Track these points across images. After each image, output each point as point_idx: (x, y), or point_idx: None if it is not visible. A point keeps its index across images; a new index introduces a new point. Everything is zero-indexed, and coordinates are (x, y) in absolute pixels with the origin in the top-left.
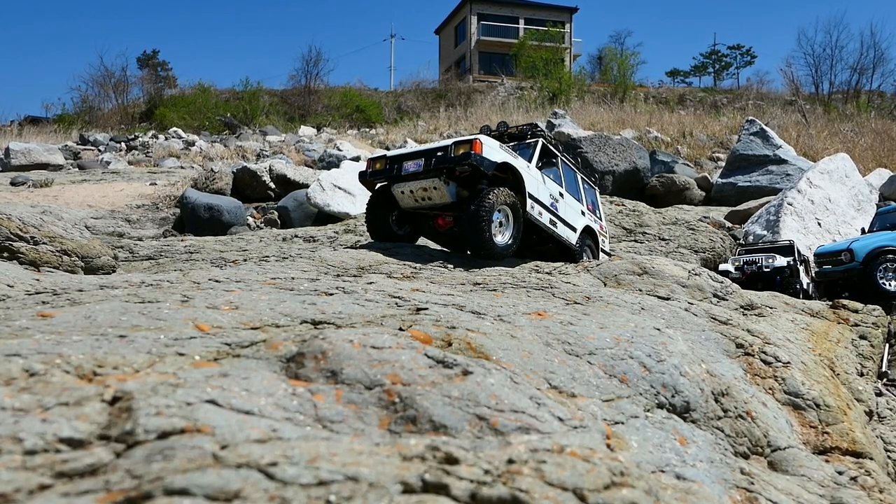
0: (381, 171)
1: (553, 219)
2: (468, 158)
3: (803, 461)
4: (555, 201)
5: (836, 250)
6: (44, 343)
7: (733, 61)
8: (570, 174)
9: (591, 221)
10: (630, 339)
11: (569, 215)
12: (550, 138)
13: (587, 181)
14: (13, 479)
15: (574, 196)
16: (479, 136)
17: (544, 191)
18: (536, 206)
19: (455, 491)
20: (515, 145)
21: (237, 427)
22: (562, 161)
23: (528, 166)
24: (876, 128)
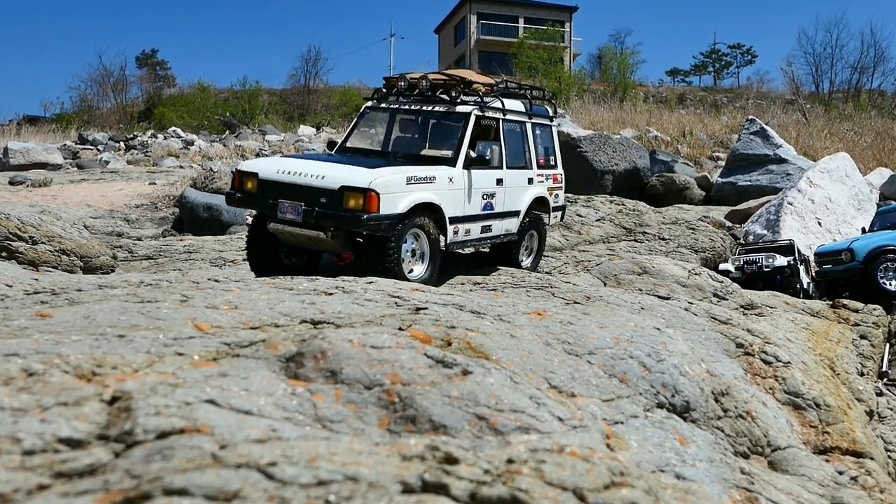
0: (253, 197)
1: (486, 224)
2: (360, 220)
3: (803, 461)
4: (489, 199)
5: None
6: (43, 343)
7: (733, 60)
8: (516, 133)
9: (541, 184)
10: (630, 338)
11: (510, 202)
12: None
13: (541, 120)
14: (12, 479)
15: (520, 164)
16: (376, 183)
17: (474, 197)
18: (462, 227)
19: (455, 491)
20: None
21: (236, 427)
22: (504, 123)
23: (450, 179)
24: (876, 127)
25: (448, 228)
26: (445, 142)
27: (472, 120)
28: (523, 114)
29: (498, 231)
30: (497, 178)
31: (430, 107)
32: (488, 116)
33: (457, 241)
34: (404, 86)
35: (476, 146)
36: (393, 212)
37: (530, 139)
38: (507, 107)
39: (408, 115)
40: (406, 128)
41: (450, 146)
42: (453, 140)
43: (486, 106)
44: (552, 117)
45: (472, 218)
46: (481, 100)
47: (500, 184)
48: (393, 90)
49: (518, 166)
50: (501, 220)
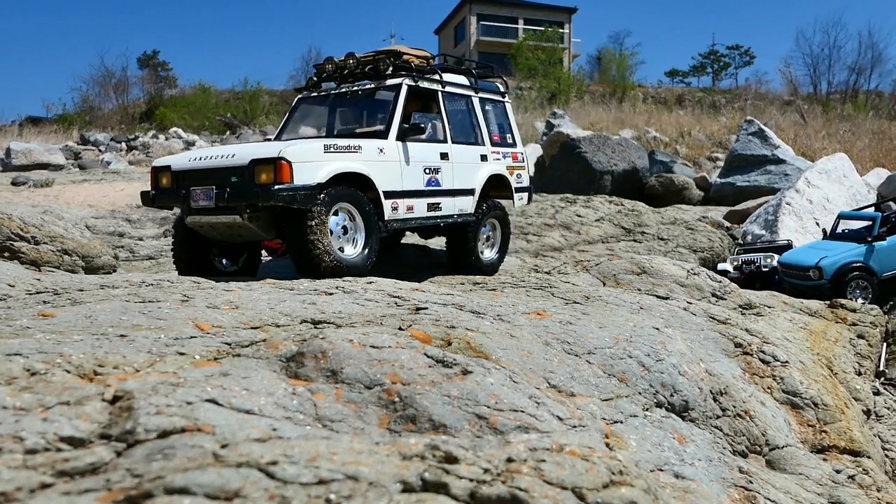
0: (167, 192)
1: (433, 202)
2: (271, 191)
3: (801, 460)
4: (433, 174)
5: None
6: (45, 342)
7: (732, 61)
8: (461, 107)
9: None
10: (629, 338)
11: (461, 179)
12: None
13: (490, 96)
14: (14, 477)
15: (469, 140)
16: (287, 152)
17: (414, 171)
18: (402, 203)
19: (455, 490)
20: (373, 89)
21: (237, 426)
22: (445, 96)
23: (380, 150)
24: (874, 128)
25: (384, 204)
26: (378, 116)
27: (404, 90)
28: (468, 87)
29: (450, 210)
30: (441, 153)
31: (362, 85)
32: (425, 88)
33: (398, 219)
34: (332, 69)
35: (412, 118)
36: (309, 182)
37: (479, 114)
38: (448, 80)
39: (341, 99)
40: (342, 112)
41: (382, 120)
42: (385, 113)
43: (421, 77)
44: (504, 93)
45: (415, 193)
46: (414, 71)
47: (445, 158)
48: (324, 76)
49: (467, 142)
50: (452, 197)
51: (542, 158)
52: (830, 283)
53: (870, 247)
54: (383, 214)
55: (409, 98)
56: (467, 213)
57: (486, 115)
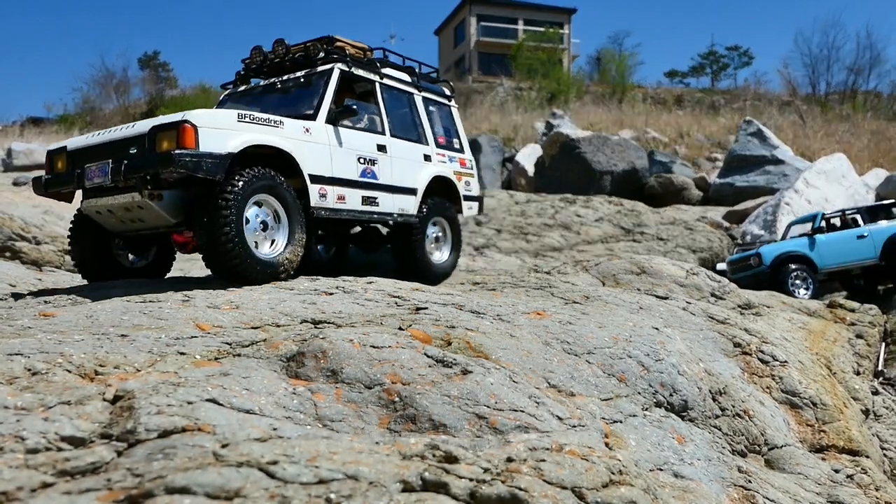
0: (61, 176)
1: (369, 195)
2: (171, 157)
3: (800, 459)
4: (369, 165)
5: (746, 256)
6: (46, 342)
7: (731, 62)
8: (401, 102)
9: (443, 164)
10: (628, 338)
11: (400, 175)
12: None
13: (434, 97)
14: (15, 477)
15: (410, 137)
16: (193, 114)
17: (346, 158)
18: (332, 190)
19: (454, 489)
20: (303, 77)
21: (238, 426)
22: (383, 87)
23: (306, 129)
24: (872, 128)
25: (310, 189)
26: (308, 102)
27: (336, 74)
28: (409, 84)
29: (389, 208)
30: (378, 144)
31: (293, 74)
32: (360, 76)
33: (327, 208)
34: (261, 60)
35: (345, 103)
36: (218, 150)
37: (421, 113)
38: (387, 72)
39: (270, 91)
40: (272, 105)
41: (311, 104)
42: (315, 97)
43: (356, 64)
44: (450, 97)
45: (347, 182)
46: (348, 57)
47: (382, 151)
48: (252, 67)
49: (407, 138)
50: (391, 194)
51: (541, 158)
52: (770, 269)
53: (811, 239)
54: (309, 201)
55: (342, 85)
56: (409, 213)
57: (431, 116)
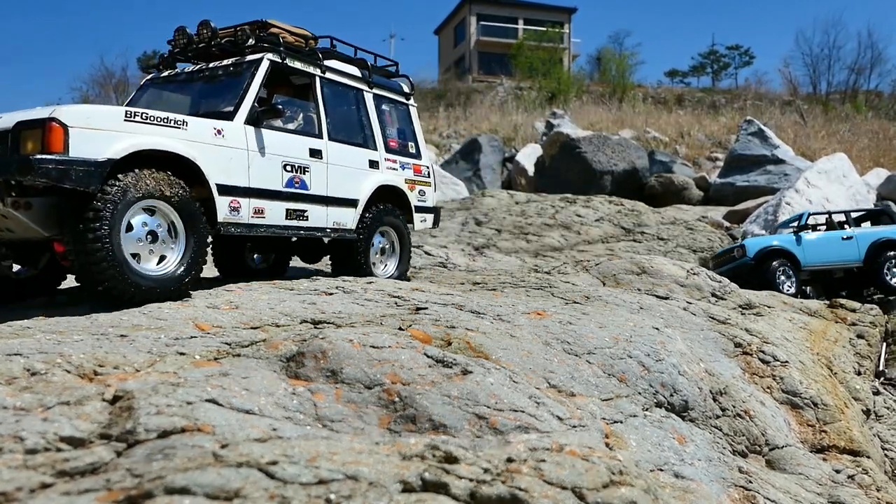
0: None
1: (296, 208)
2: (29, 163)
3: (801, 459)
4: (298, 174)
5: (730, 248)
6: (45, 342)
7: (731, 61)
8: (346, 100)
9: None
10: (629, 338)
11: (338, 185)
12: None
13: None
14: (15, 477)
15: (354, 140)
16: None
17: (269, 165)
18: (247, 203)
19: (455, 490)
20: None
21: (237, 426)
22: (324, 82)
23: (217, 131)
24: (873, 128)
25: (218, 201)
26: (228, 95)
27: (264, 66)
28: (358, 79)
29: (320, 221)
30: (311, 149)
31: (219, 62)
32: (296, 69)
33: (239, 223)
34: (185, 43)
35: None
36: (94, 156)
37: (371, 113)
38: (331, 65)
39: (194, 80)
40: (195, 96)
41: (231, 100)
42: (237, 92)
43: (291, 54)
44: (409, 95)
45: (268, 194)
46: (282, 46)
47: (316, 157)
48: (176, 52)
49: (350, 142)
50: (325, 206)
51: (542, 158)
52: (754, 261)
53: (797, 236)
54: (216, 215)
55: (272, 78)
56: (345, 228)
57: (382, 116)
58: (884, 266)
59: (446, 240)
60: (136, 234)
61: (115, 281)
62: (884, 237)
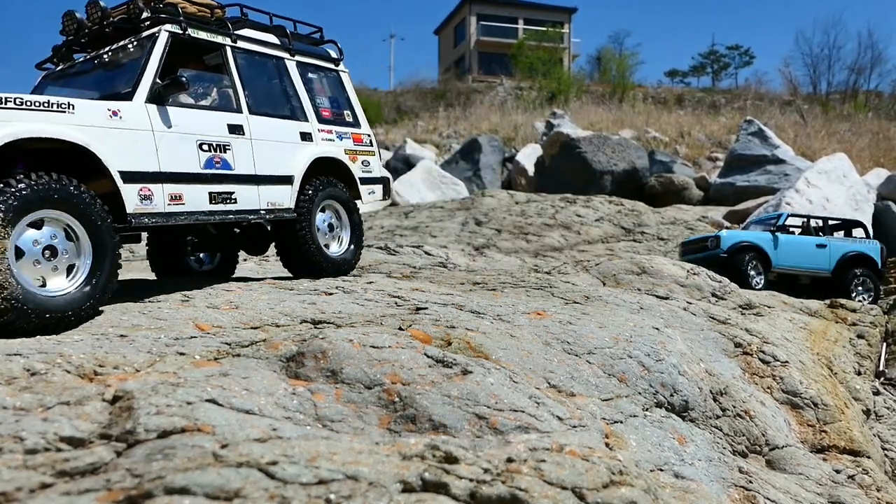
0: None
1: (220, 191)
2: None
3: (801, 460)
4: (218, 152)
5: (704, 237)
6: (45, 342)
7: (732, 61)
8: (266, 71)
9: (330, 143)
10: (629, 338)
11: (267, 161)
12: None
13: (316, 62)
14: (15, 477)
15: (280, 112)
16: None
17: (181, 145)
18: (160, 189)
19: (455, 490)
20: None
21: (237, 426)
22: (237, 53)
23: (112, 113)
24: (873, 128)
25: (124, 190)
26: (127, 75)
27: (163, 40)
28: (277, 48)
29: (250, 203)
30: (231, 125)
31: (116, 43)
32: (201, 40)
33: (154, 213)
34: (75, 28)
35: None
36: None
37: (296, 82)
38: (244, 34)
39: (90, 68)
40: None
41: (130, 79)
42: (135, 70)
43: (194, 25)
44: (338, 61)
45: (185, 177)
46: (182, 17)
47: (238, 133)
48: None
49: (276, 114)
50: (255, 186)
51: (542, 158)
52: (727, 254)
53: (773, 236)
54: (124, 206)
55: (176, 53)
56: (282, 207)
57: (310, 85)
58: (851, 282)
59: (446, 240)
60: (33, 252)
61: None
62: (855, 251)
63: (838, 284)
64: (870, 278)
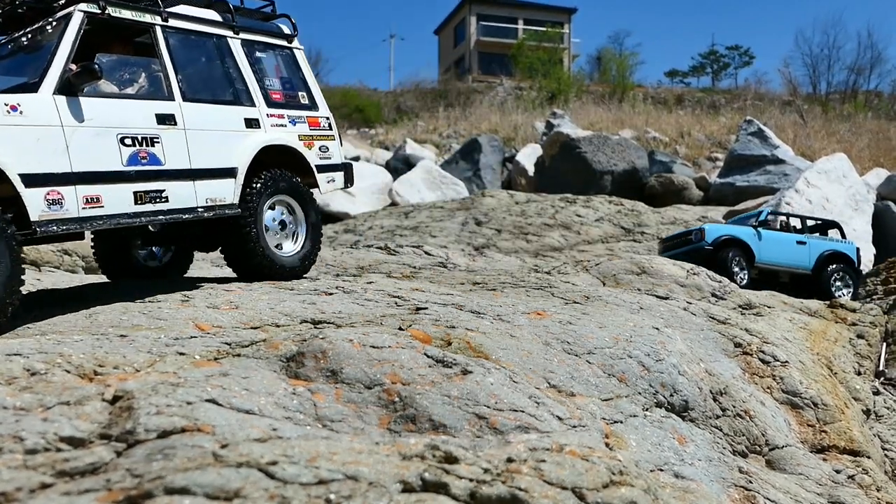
0: None
1: (147, 189)
2: None
3: (801, 460)
4: (144, 147)
5: (687, 231)
6: (45, 342)
7: (731, 61)
8: (204, 52)
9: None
10: (629, 338)
11: (204, 153)
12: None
13: (264, 40)
14: (14, 477)
15: (221, 98)
16: None
17: (98, 140)
18: (72, 192)
19: (454, 490)
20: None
21: (237, 426)
22: (170, 34)
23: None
24: (873, 128)
25: (26, 195)
26: (35, 64)
27: (77, 21)
28: (218, 25)
29: (186, 201)
30: (159, 114)
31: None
32: (124, 20)
33: (66, 219)
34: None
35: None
36: None
37: (241, 63)
38: (177, 11)
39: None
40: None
41: (38, 68)
42: (45, 56)
43: (115, 3)
44: (291, 37)
45: (102, 177)
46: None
47: (168, 123)
48: None
49: (215, 100)
50: (190, 181)
51: (542, 158)
52: (712, 247)
53: (756, 231)
54: (28, 214)
55: (95, 36)
56: (225, 203)
57: (259, 66)
58: (830, 278)
59: (446, 240)
60: None
61: None
62: (833, 249)
63: (818, 283)
64: (848, 274)
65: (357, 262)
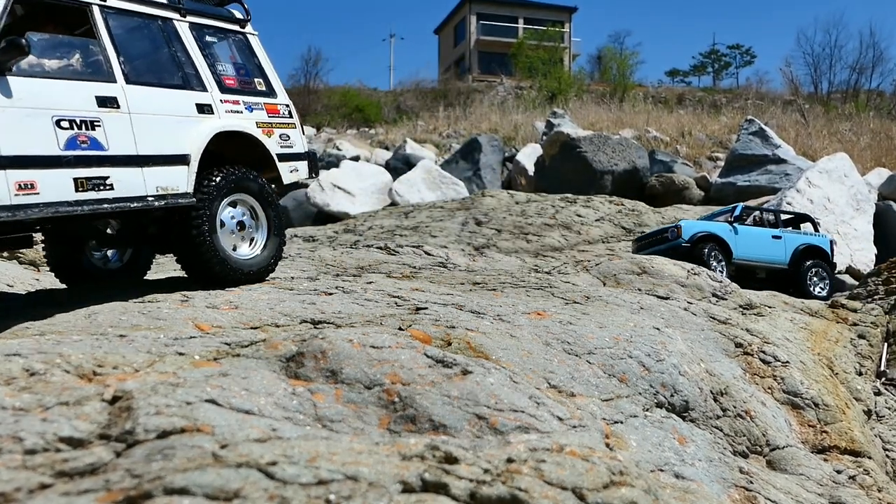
0: None
1: (89, 176)
2: None
3: (802, 460)
4: (84, 130)
5: (663, 228)
6: (44, 342)
7: (732, 61)
8: (149, 33)
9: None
10: (629, 338)
11: (151, 138)
12: None
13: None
14: (14, 478)
15: (169, 81)
16: None
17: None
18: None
19: (454, 490)
20: None
21: (237, 426)
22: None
23: None
24: (875, 127)
25: None
26: None
27: None
28: (163, 6)
29: (132, 189)
30: (100, 97)
31: None
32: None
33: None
34: None
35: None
36: None
37: (190, 46)
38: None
39: None
40: None
41: None
42: None
43: None
44: (244, 22)
45: (36, 161)
46: None
47: (110, 106)
48: None
49: (163, 83)
50: (138, 168)
51: (542, 158)
52: (690, 244)
53: (732, 227)
54: None
55: (27, 15)
56: (178, 192)
57: (209, 50)
58: (807, 274)
59: (446, 240)
60: None
61: None
62: (807, 243)
63: (794, 278)
64: (824, 269)
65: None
